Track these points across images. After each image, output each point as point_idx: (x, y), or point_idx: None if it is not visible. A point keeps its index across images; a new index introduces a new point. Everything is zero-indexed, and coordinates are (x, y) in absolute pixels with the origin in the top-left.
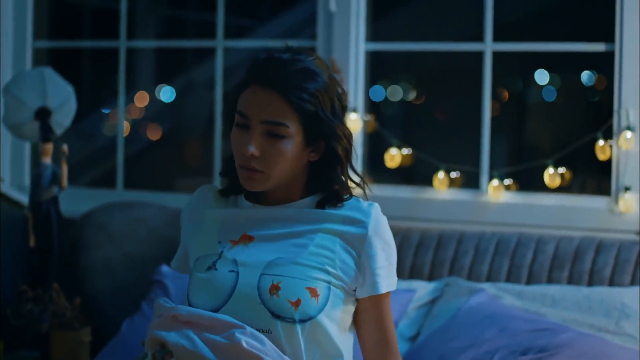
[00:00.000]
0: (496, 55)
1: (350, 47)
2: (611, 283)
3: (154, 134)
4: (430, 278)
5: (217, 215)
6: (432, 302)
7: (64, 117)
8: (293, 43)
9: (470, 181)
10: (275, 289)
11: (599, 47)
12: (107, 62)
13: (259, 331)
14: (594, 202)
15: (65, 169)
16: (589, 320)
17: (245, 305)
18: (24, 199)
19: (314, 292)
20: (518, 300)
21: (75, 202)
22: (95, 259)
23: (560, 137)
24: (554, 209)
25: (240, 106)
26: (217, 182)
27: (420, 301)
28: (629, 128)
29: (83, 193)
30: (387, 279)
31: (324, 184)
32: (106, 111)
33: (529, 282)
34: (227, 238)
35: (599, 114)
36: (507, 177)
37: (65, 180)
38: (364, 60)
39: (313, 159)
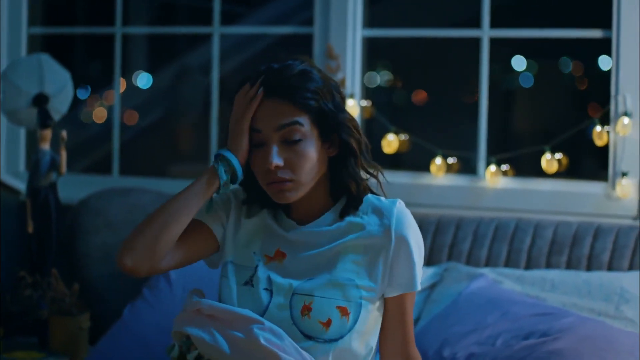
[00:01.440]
0: (473, 41)
1: (347, 34)
2: (610, 268)
3: (130, 120)
4: (429, 263)
5: (254, 227)
6: (432, 287)
7: (61, 103)
8: (288, 30)
9: (462, 167)
10: (306, 309)
11: (596, 33)
12: (95, 49)
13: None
14: (591, 188)
15: (64, 155)
16: (589, 305)
17: (278, 325)
18: (19, 185)
19: (344, 311)
20: (518, 285)
21: (70, 188)
22: (93, 244)
23: (541, 123)
24: (551, 195)
25: (252, 124)
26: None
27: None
28: (626, 114)
29: (78, 179)
30: (419, 276)
31: (344, 182)
32: (83, 97)
33: (527, 267)
34: (263, 252)
35: (578, 100)
36: (496, 163)
37: (64, 166)
38: (361, 46)
39: (332, 154)
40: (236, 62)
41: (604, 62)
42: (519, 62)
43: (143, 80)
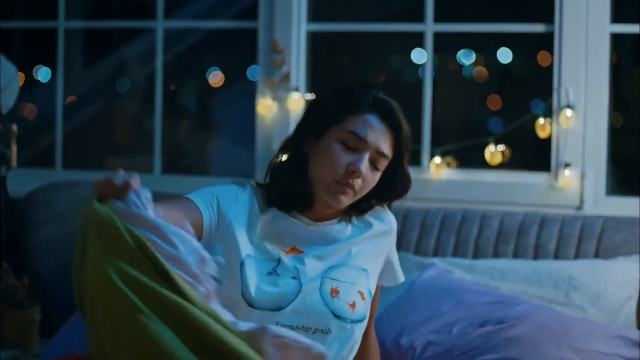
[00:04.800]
0: (376, 35)
1: (292, 28)
2: (556, 257)
3: (30, 114)
4: None
5: (268, 224)
6: None
7: (8, 97)
8: (233, 24)
9: None
10: (335, 292)
11: (539, 27)
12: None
13: (320, 332)
14: (535, 179)
15: (14, 149)
16: (539, 293)
17: (309, 307)
18: None
19: (362, 296)
20: (468, 274)
21: (13, 182)
22: (41, 237)
23: (451, 115)
24: (496, 186)
25: (356, 129)
26: (157, 159)
27: None
28: (568, 106)
29: (22, 173)
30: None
31: (370, 201)
32: None
33: (475, 256)
34: (279, 247)
35: (482, 92)
36: (441, 155)
37: (14, 160)
38: (306, 40)
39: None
40: (171, 55)
41: (503, 55)
42: (418, 55)
43: (43, 74)
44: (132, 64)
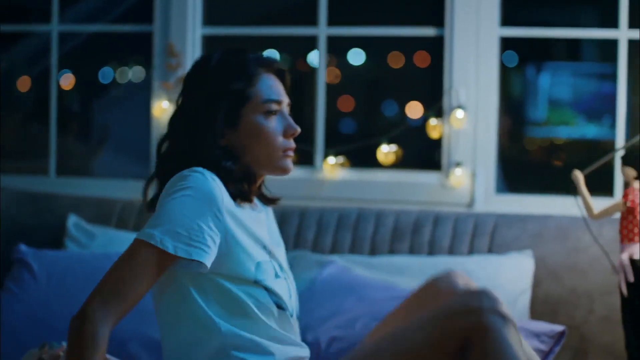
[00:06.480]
0: (260, 38)
1: (187, 31)
2: (451, 253)
3: None
4: None
5: (247, 219)
6: None
7: None
8: (128, 28)
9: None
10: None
11: (429, 31)
12: None
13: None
14: (427, 178)
15: None
16: None
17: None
18: None
19: None
20: (367, 271)
21: None
22: None
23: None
24: (389, 185)
25: (268, 95)
26: (52, 161)
27: None
28: (460, 107)
29: None
30: None
31: None
32: None
33: (372, 253)
34: (263, 242)
35: (333, 93)
36: (334, 155)
37: None
38: (201, 44)
39: None
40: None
41: (355, 57)
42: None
43: None
44: (18, 68)
